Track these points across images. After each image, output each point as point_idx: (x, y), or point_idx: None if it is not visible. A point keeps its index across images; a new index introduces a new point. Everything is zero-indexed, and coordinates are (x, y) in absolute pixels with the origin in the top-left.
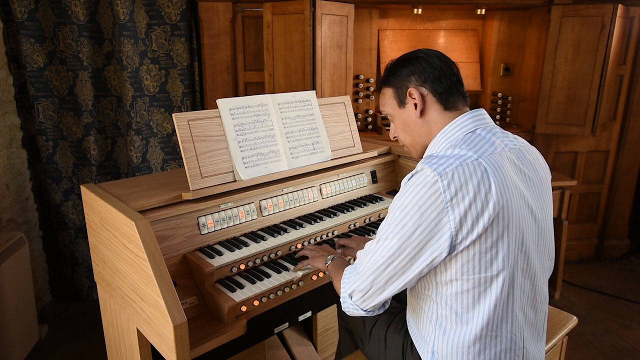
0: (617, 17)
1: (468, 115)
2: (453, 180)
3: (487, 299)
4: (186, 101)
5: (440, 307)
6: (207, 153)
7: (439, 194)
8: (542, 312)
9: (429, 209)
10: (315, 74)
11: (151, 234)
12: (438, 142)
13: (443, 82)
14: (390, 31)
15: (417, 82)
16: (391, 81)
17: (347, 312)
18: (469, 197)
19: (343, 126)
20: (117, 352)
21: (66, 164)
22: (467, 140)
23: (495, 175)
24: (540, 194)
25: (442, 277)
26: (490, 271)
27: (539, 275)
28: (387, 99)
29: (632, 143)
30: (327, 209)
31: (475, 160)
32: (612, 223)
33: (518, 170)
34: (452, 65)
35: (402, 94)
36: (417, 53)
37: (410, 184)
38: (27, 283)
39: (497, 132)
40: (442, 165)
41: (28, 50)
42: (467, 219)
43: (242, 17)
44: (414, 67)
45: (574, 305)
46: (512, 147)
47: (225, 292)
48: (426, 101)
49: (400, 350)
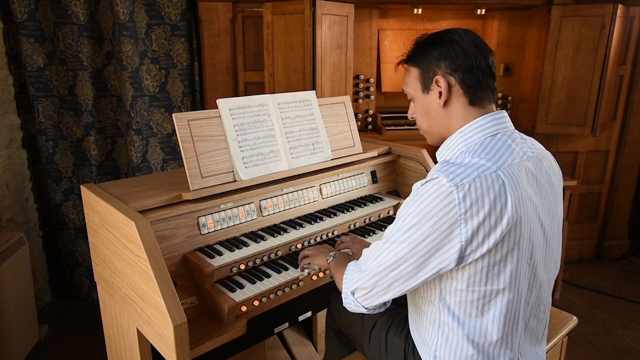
0: (617, 17)
1: (489, 117)
2: (469, 192)
3: (491, 311)
4: (186, 101)
5: (442, 314)
6: (207, 153)
7: (453, 206)
8: (545, 320)
9: (441, 219)
10: (315, 74)
11: (151, 234)
12: (455, 141)
13: (474, 73)
14: (390, 31)
15: (447, 70)
16: (419, 61)
17: (348, 308)
18: (483, 211)
19: (343, 126)
20: (117, 352)
21: (66, 164)
22: (486, 147)
23: (512, 189)
24: (551, 204)
25: (448, 286)
26: (496, 284)
27: (545, 286)
28: (411, 80)
29: (632, 143)
30: (327, 209)
31: (494, 172)
32: (612, 223)
33: (534, 180)
34: (488, 54)
35: (428, 78)
36: (452, 35)
37: (423, 190)
38: (27, 283)
39: (517, 137)
40: (459, 175)
41: (28, 50)
42: (479, 232)
43: (242, 17)
44: (447, 52)
45: (574, 305)
46: (530, 155)
47: (225, 292)
48: (452, 92)
49: (402, 352)
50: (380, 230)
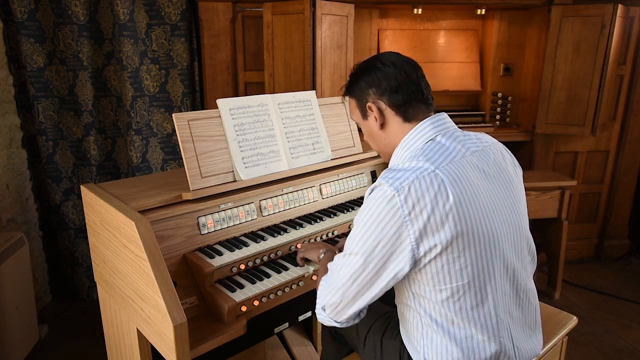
0: (617, 17)
1: (428, 122)
2: (410, 194)
3: (465, 307)
4: (186, 101)
5: (422, 317)
6: (207, 153)
7: (397, 209)
8: (532, 306)
9: (388, 224)
10: (315, 74)
11: (151, 234)
12: (400, 152)
13: (400, 93)
14: (390, 31)
15: (375, 96)
16: (353, 92)
17: (323, 322)
18: (426, 211)
19: (343, 126)
20: (117, 352)
21: (66, 164)
22: (425, 151)
23: (453, 185)
24: (509, 191)
25: (417, 289)
26: (462, 279)
27: (520, 273)
28: (352, 109)
29: (632, 143)
30: (327, 209)
31: (432, 172)
32: (612, 223)
33: (482, 173)
34: (411, 71)
35: (363, 106)
36: (375, 62)
37: (370, 199)
38: (27, 283)
39: (459, 135)
40: (398, 179)
41: (28, 50)
42: (427, 231)
43: (242, 17)
44: (371, 79)
45: (574, 305)
46: (474, 150)
47: (225, 292)
48: (385, 115)
49: (397, 356)
50: None
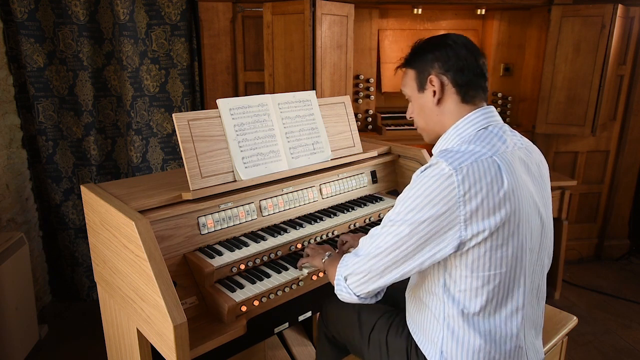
0: (617, 17)
1: (480, 112)
2: (468, 175)
3: (496, 298)
4: (186, 101)
5: (447, 307)
6: (207, 153)
7: (453, 188)
8: (541, 308)
9: (441, 201)
10: (315, 74)
11: (151, 234)
12: (450, 136)
13: (465, 74)
14: (390, 31)
15: (440, 70)
16: (415, 63)
17: (340, 296)
18: (481, 194)
19: (343, 126)
20: (117, 352)
21: (66, 164)
22: (480, 137)
23: (508, 173)
24: (544, 193)
25: (452, 273)
26: (500, 268)
27: (541, 272)
28: (408, 80)
29: (632, 143)
30: (327, 209)
31: (490, 157)
32: (612, 223)
33: (527, 169)
34: (479, 56)
35: (423, 78)
36: (446, 39)
37: (424, 176)
38: (27, 283)
39: (507, 130)
40: (457, 159)
41: (28, 50)
42: (478, 215)
43: (242, 17)
44: (440, 54)
45: (574, 305)
46: (520, 146)
47: (225, 292)
48: (445, 91)
49: (405, 354)
50: None
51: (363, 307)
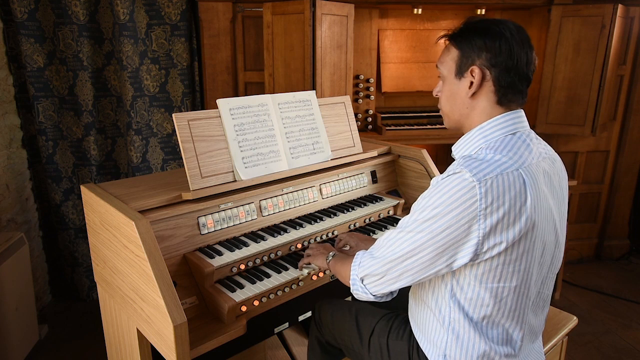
0: (617, 17)
1: (510, 116)
2: (492, 188)
3: (502, 307)
4: (186, 101)
5: (453, 312)
6: (207, 153)
7: (475, 200)
8: (543, 315)
9: (462, 212)
10: (315, 74)
11: (151, 234)
12: (474, 137)
13: (512, 75)
14: (390, 31)
15: (485, 62)
16: (462, 43)
17: (356, 295)
18: (503, 209)
19: (343, 126)
20: (117, 352)
21: (66, 164)
22: (507, 145)
23: (532, 189)
24: (562, 206)
25: (460, 281)
26: (509, 282)
27: (548, 283)
28: (448, 60)
29: (632, 143)
30: (327, 209)
31: (516, 170)
32: (612, 223)
33: (549, 180)
34: (531, 59)
35: (464, 64)
36: (502, 28)
37: (444, 183)
38: (27, 283)
39: (533, 137)
40: (482, 171)
41: (28, 50)
42: (497, 229)
43: (242, 17)
44: (492, 44)
45: (574, 305)
46: (544, 156)
47: (225, 292)
48: (483, 86)
49: (407, 356)
50: (380, 230)
51: (360, 310)
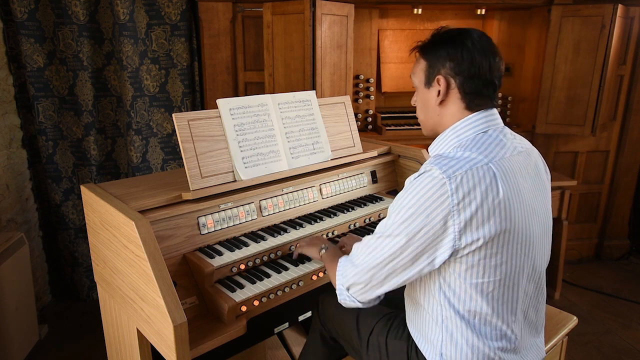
0: (617, 17)
1: (481, 115)
2: (461, 184)
3: (492, 303)
4: (186, 101)
5: (445, 310)
6: (207, 153)
7: (446, 197)
8: (542, 310)
9: (435, 210)
10: (315, 74)
11: (151, 234)
12: (447, 137)
13: (475, 82)
14: (390, 31)
15: (450, 71)
16: (428, 55)
17: (343, 303)
18: (475, 203)
19: (343, 126)
20: (117, 352)
21: (66, 164)
22: (477, 142)
23: (504, 181)
24: (544, 195)
25: (447, 278)
26: (494, 276)
27: (537, 276)
28: (418, 70)
29: (632, 143)
30: (327, 209)
31: (486, 165)
32: (612, 223)
33: (526, 173)
34: (495, 64)
35: (431, 74)
36: (464, 37)
37: (416, 183)
38: (27, 283)
39: (507, 133)
40: (451, 167)
41: (28, 50)
42: (472, 224)
43: (242, 17)
44: (454, 53)
45: (574, 305)
46: (520, 150)
47: (225, 292)
48: (450, 94)
49: (405, 355)
50: None
51: (362, 309)
